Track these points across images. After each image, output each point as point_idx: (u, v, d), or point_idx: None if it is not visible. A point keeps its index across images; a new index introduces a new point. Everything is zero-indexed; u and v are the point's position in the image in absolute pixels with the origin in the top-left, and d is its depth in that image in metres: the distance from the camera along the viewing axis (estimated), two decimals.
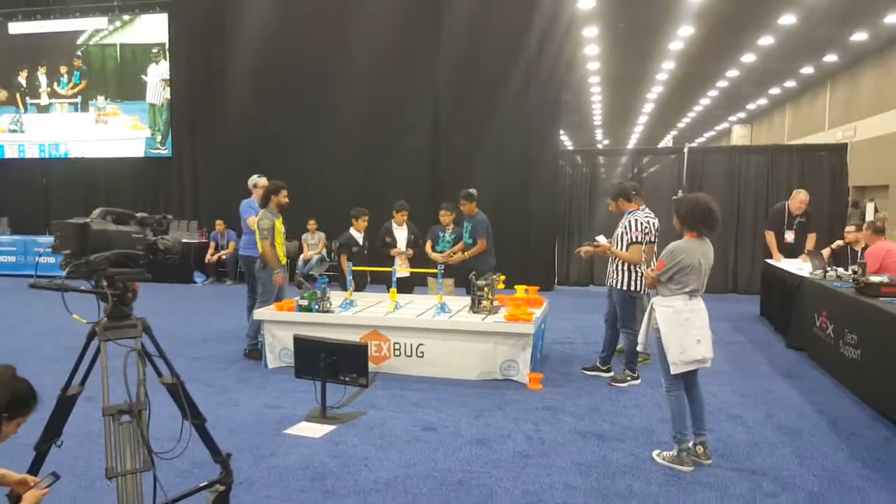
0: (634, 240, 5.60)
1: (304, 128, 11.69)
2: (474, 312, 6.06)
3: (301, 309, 6.17)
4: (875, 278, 5.46)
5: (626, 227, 5.66)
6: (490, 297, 6.13)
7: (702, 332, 3.97)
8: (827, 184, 10.64)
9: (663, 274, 3.96)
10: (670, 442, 4.08)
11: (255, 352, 6.51)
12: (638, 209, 5.80)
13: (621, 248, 5.97)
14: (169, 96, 12.71)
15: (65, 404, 2.93)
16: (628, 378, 5.71)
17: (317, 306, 6.13)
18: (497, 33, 10.91)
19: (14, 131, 13.52)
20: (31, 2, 13.17)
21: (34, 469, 2.91)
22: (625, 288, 5.68)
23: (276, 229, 6.42)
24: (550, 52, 10.93)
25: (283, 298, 6.67)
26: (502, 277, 6.47)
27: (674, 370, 3.94)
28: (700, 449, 4.01)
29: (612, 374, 5.86)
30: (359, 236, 7.42)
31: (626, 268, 5.65)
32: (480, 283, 6.13)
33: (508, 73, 10.95)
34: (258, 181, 7.24)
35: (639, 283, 5.65)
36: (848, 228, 7.89)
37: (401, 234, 7.47)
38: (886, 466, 3.99)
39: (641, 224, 5.61)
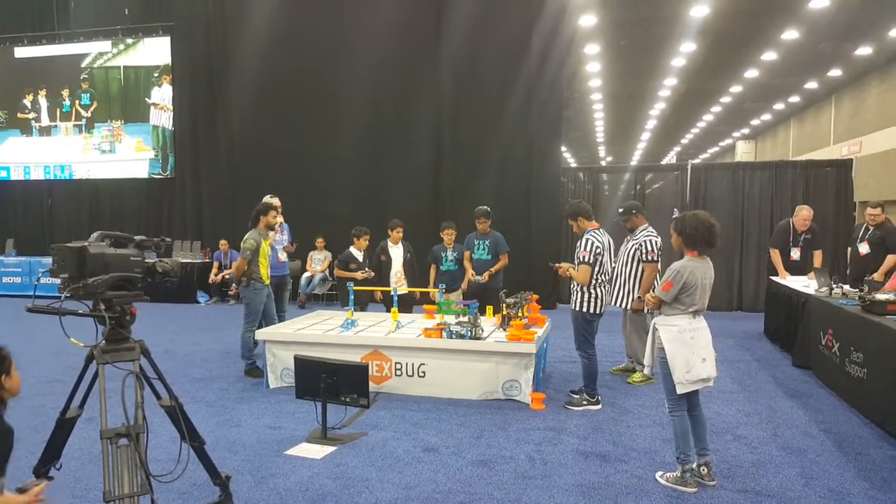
0: (583, 259, 5.35)
1: (306, 146, 11.78)
2: (504, 330, 5.97)
3: (455, 336, 5.73)
4: (881, 296, 5.41)
5: (579, 246, 5.45)
6: (522, 314, 6.08)
7: (706, 351, 3.95)
8: (832, 200, 10.60)
9: (669, 294, 3.94)
10: (674, 463, 4.04)
11: (254, 369, 6.56)
12: (598, 228, 5.54)
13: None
14: (172, 118, 12.80)
15: (64, 427, 2.94)
16: (584, 402, 5.52)
17: (469, 333, 5.72)
18: (498, 50, 10.98)
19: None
20: (37, 27, 13.34)
21: None
22: (577, 308, 5.48)
23: (261, 251, 6.56)
24: (552, 68, 10.98)
25: (266, 319, 6.75)
26: (535, 297, 6.41)
27: (680, 389, 3.91)
28: (704, 469, 3.97)
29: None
30: (358, 255, 7.44)
31: (580, 288, 5.43)
32: (511, 300, 6.08)
33: (510, 90, 11.00)
34: None
35: (593, 304, 5.42)
36: (873, 211, 7.56)
37: (396, 252, 7.50)
38: (893, 487, 3.93)
39: (594, 244, 5.36)
